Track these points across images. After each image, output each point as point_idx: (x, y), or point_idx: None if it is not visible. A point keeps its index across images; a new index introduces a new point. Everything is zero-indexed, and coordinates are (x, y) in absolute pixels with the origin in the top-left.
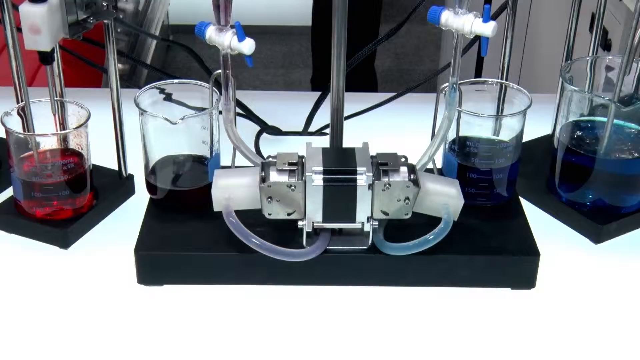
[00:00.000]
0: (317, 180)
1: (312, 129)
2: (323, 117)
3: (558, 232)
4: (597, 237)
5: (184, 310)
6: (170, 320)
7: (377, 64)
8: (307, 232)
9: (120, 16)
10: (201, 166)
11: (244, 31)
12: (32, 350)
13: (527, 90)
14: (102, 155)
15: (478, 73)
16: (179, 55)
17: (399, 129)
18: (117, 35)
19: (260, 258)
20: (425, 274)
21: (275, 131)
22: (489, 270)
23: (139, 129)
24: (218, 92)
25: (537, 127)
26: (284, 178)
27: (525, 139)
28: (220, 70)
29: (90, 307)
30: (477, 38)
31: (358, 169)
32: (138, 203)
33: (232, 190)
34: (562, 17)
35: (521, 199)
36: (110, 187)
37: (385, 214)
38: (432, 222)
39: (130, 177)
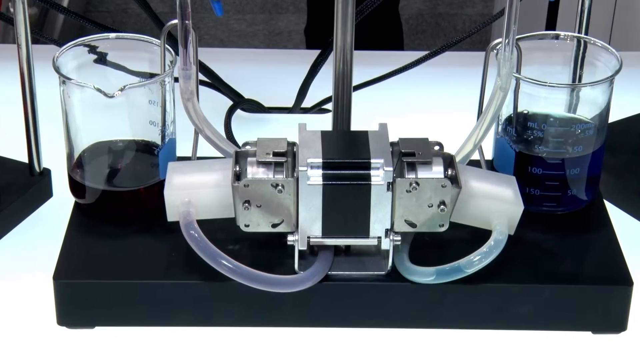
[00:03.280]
0: (315, 177)
1: (307, 103)
2: (323, 86)
3: None
4: None
5: None
6: None
7: (403, 7)
8: (300, 251)
9: None
10: (149, 157)
11: None
12: None
13: (616, 48)
14: (4, 141)
15: (551, 24)
16: None
17: (431, 103)
18: None
19: (234, 288)
20: (468, 312)
21: (254, 107)
22: (559, 307)
23: (60, 104)
24: (172, 52)
25: (631, 100)
26: (268, 174)
27: (613, 117)
28: (175, 20)
29: None
30: None
31: (373, 161)
32: (57, 210)
33: (193, 192)
34: None
35: (607, 203)
36: (17, 187)
37: (412, 225)
38: (477, 237)
39: (47, 173)
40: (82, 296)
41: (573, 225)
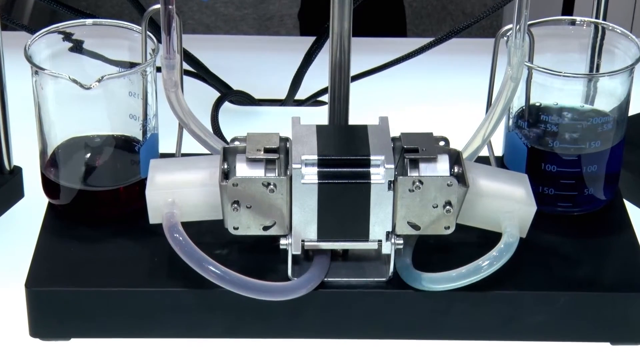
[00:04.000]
0: (310, 175)
1: (301, 95)
2: (318, 76)
3: None
4: None
5: None
6: None
7: None
8: (294, 256)
9: None
10: (129, 153)
11: None
12: None
13: (637, 35)
14: None
15: (567, 9)
16: None
17: (436, 95)
18: None
19: (221, 297)
20: (476, 321)
21: (243, 99)
22: (576, 316)
23: (32, 97)
24: (155, 39)
25: None
26: (258, 172)
27: (633, 110)
28: (158, 5)
29: None
30: None
31: (372, 158)
32: (29, 211)
33: (177, 192)
34: None
35: (627, 203)
36: None
37: (415, 227)
38: (486, 240)
39: (17, 171)
40: (57, 305)
41: (590, 227)
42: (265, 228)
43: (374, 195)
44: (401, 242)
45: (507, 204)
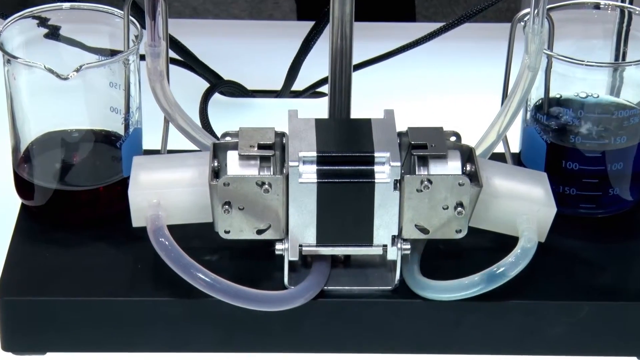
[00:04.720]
0: (308, 174)
1: (298, 86)
2: (317, 65)
3: None
4: None
5: None
6: None
7: None
8: (290, 262)
9: None
10: (110, 150)
11: None
12: None
13: None
14: None
15: None
16: None
17: (446, 85)
18: None
19: (211, 307)
20: (491, 334)
21: (235, 90)
22: (599, 327)
23: (4, 88)
24: (138, 24)
25: None
26: (252, 171)
27: None
28: None
29: None
30: None
31: (377, 155)
32: (1, 213)
33: (163, 192)
34: None
35: None
36: None
37: (424, 231)
38: (501, 244)
39: None
40: (32, 316)
41: (615, 230)
42: (260, 232)
43: (378, 196)
44: (408, 247)
45: (525, 205)
